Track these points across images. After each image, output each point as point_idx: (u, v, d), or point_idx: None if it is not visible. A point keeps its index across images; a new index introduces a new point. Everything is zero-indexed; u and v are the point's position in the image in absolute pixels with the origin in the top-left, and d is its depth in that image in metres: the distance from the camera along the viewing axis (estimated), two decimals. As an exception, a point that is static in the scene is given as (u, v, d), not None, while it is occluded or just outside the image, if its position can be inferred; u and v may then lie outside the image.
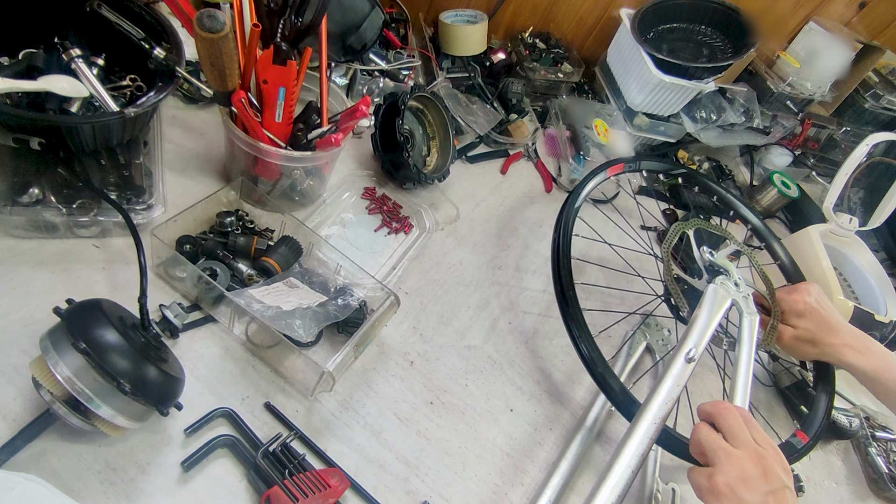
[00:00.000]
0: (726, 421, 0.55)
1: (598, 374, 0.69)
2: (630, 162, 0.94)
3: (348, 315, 0.68)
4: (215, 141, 0.86)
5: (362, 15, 0.93)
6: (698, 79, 1.17)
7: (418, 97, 0.96)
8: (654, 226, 1.14)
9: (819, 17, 1.39)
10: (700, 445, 0.55)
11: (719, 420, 0.56)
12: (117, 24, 0.68)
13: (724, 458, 0.52)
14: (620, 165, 0.92)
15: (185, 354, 0.63)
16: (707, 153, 1.40)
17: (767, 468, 0.52)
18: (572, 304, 0.73)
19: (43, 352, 0.48)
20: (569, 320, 0.73)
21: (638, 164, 0.96)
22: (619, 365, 0.84)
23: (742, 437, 0.54)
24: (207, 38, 0.57)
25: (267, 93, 0.69)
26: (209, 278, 0.65)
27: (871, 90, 1.47)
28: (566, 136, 1.16)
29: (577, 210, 0.82)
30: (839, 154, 1.49)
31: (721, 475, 0.51)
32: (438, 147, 1.02)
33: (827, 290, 1.00)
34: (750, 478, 0.51)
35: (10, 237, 0.64)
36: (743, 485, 0.51)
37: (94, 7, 0.66)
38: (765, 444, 0.54)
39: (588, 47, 1.39)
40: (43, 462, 0.52)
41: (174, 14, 0.68)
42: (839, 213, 1.12)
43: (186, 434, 0.57)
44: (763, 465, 0.52)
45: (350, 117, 0.73)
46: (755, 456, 0.52)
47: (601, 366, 0.69)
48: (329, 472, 0.59)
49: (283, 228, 0.77)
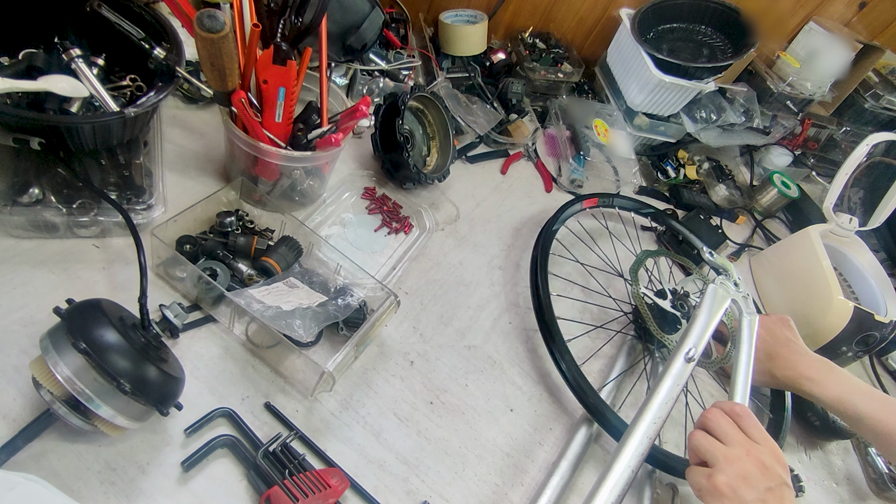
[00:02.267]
0: (715, 423, 0.56)
1: (590, 405, 0.73)
2: (605, 197, 1.01)
3: (348, 315, 0.68)
4: (215, 141, 0.86)
5: (362, 15, 0.93)
6: (698, 79, 1.17)
7: (418, 97, 0.96)
8: (653, 226, 1.14)
9: (819, 17, 1.39)
10: (697, 451, 0.55)
11: (709, 424, 0.56)
12: (117, 24, 0.67)
13: (721, 459, 0.53)
14: (595, 200, 0.99)
15: (185, 354, 0.63)
16: (707, 153, 1.40)
17: (765, 465, 0.52)
18: (557, 336, 0.76)
19: (43, 352, 0.48)
20: (554, 352, 0.76)
21: (612, 200, 1.03)
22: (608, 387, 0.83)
23: (734, 436, 0.54)
24: (208, 38, 0.57)
25: (267, 93, 0.69)
26: (209, 278, 0.65)
27: (871, 90, 1.47)
28: (566, 136, 1.16)
29: (548, 248, 0.86)
30: (839, 154, 1.49)
31: (721, 475, 0.51)
32: (438, 147, 1.02)
33: (827, 291, 1.00)
34: (749, 476, 0.51)
35: (10, 237, 0.65)
36: (743, 483, 0.51)
37: (94, 7, 0.66)
38: (760, 440, 0.54)
39: (588, 47, 1.39)
40: (43, 462, 0.52)
41: (174, 14, 0.68)
42: (839, 213, 1.12)
43: (186, 434, 0.57)
44: (760, 461, 0.52)
45: (350, 117, 0.73)
46: (751, 454, 0.53)
47: (592, 396, 0.72)
48: (329, 472, 0.59)
49: (283, 228, 0.77)
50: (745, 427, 0.56)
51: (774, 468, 0.52)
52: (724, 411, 0.57)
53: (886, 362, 1.12)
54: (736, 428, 0.55)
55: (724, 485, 0.51)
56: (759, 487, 0.51)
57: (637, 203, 1.06)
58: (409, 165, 0.88)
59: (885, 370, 1.11)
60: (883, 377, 1.09)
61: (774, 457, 0.53)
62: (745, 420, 0.56)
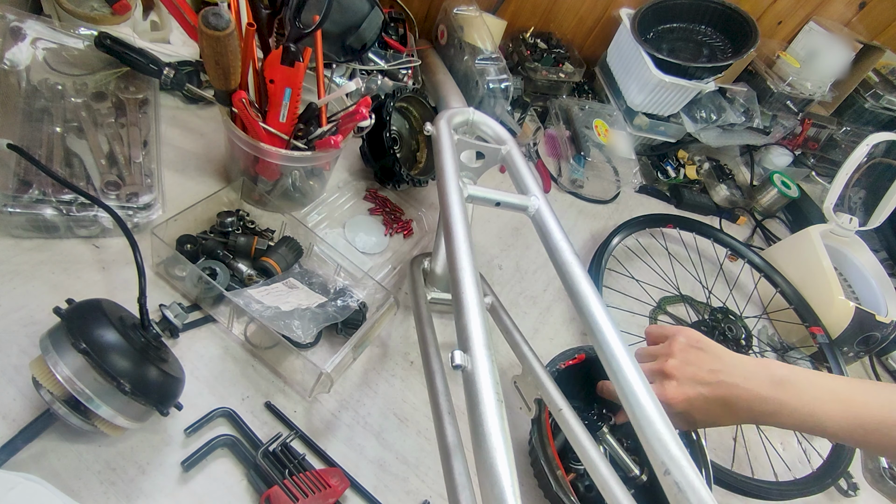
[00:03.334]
0: (641, 356, 0.62)
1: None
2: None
3: (347, 316, 0.68)
4: (215, 141, 0.86)
5: (362, 15, 0.93)
6: (698, 79, 1.17)
7: (402, 97, 0.95)
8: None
9: (819, 17, 1.39)
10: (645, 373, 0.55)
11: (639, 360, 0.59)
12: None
13: (662, 355, 0.59)
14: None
15: (185, 354, 0.63)
16: (707, 153, 1.40)
17: (691, 343, 0.58)
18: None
19: (43, 352, 0.48)
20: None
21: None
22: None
23: (659, 349, 0.60)
24: (213, 36, 0.57)
25: (273, 93, 0.69)
26: (209, 278, 0.65)
27: (871, 90, 1.47)
28: (566, 136, 1.16)
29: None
30: (839, 154, 1.49)
31: (667, 361, 0.57)
32: (427, 141, 1.01)
33: (828, 291, 1.00)
34: (687, 349, 0.58)
35: (10, 237, 0.65)
36: (685, 357, 0.57)
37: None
38: (670, 332, 0.60)
39: (588, 47, 1.39)
40: (43, 462, 0.52)
41: (173, 15, 0.68)
42: (839, 213, 1.12)
43: (186, 434, 0.57)
44: (683, 342, 0.58)
45: (350, 119, 0.73)
46: (669, 347, 0.59)
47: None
48: (329, 472, 0.59)
49: (283, 229, 0.77)
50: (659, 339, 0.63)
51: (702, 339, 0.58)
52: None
53: (886, 362, 1.12)
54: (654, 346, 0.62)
55: (672, 368, 0.56)
56: (703, 368, 0.56)
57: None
58: (401, 176, 0.87)
59: (885, 370, 1.12)
60: (883, 377, 1.09)
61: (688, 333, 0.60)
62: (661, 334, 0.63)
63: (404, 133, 1.00)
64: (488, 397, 0.42)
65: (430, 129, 0.74)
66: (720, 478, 0.73)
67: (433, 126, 0.73)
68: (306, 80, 0.76)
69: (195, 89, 0.79)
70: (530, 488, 0.67)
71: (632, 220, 1.05)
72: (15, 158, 0.62)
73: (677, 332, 0.59)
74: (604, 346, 0.51)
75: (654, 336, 0.62)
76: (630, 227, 1.03)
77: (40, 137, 0.66)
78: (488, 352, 0.45)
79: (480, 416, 0.41)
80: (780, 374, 0.54)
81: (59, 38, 0.74)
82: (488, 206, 0.69)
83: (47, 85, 0.71)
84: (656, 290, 1.02)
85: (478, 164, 0.79)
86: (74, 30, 0.75)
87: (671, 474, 0.45)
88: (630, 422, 0.49)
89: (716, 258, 1.14)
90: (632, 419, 0.49)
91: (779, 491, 0.75)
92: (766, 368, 0.55)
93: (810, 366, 1.00)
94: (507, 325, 0.71)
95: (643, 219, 1.06)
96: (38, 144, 0.65)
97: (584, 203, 1.15)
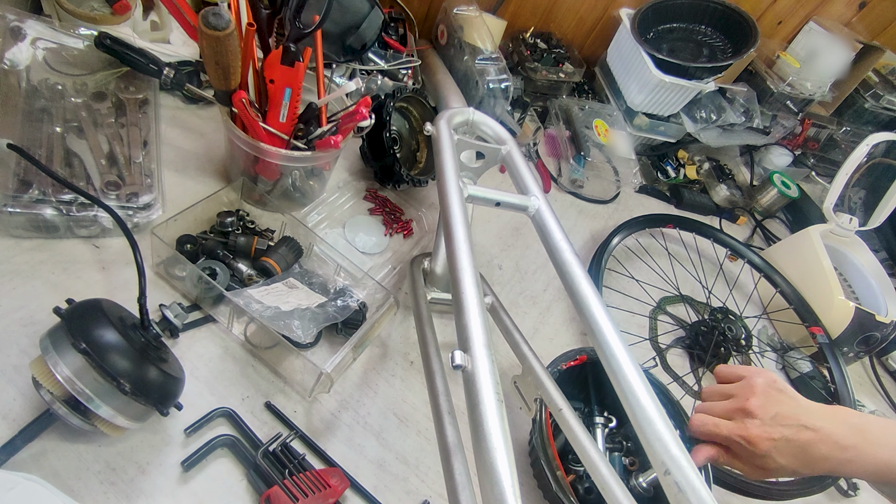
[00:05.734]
0: (712, 394, 0.58)
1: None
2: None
3: (347, 316, 0.68)
4: (215, 141, 0.86)
5: (362, 15, 0.93)
6: (698, 79, 1.17)
7: (402, 98, 0.95)
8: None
9: (819, 17, 1.39)
10: (712, 429, 0.54)
11: (707, 406, 0.57)
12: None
13: (741, 395, 0.55)
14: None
15: (185, 354, 0.63)
16: (707, 153, 1.40)
17: (769, 384, 0.55)
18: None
19: (43, 352, 0.48)
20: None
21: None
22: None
23: (735, 388, 0.56)
24: (213, 36, 0.57)
25: (273, 93, 0.69)
26: (209, 278, 0.65)
27: (871, 90, 1.47)
28: (566, 136, 1.16)
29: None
30: (839, 154, 1.49)
31: (748, 400, 0.53)
32: (427, 140, 1.01)
33: (828, 291, 1.00)
34: (767, 394, 0.54)
35: (10, 237, 0.64)
36: (774, 408, 0.53)
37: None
38: (747, 373, 0.57)
39: (588, 47, 1.39)
40: (43, 462, 0.52)
41: (173, 15, 0.68)
42: (839, 213, 1.12)
43: (186, 434, 0.57)
44: (763, 383, 0.55)
45: (350, 119, 0.73)
46: (749, 386, 0.55)
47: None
48: (329, 472, 0.59)
49: (283, 229, 0.77)
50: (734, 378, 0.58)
51: (779, 382, 0.55)
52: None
53: (886, 362, 1.12)
54: (729, 386, 0.57)
55: (756, 407, 0.52)
56: (783, 398, 0.53)
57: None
58: (402, 176, 0.87)
59: (885, 370, 1.12)
60: (883, 377, 1.09)
61: (765, 376, 0.56)
62: (734, 373, 0.58)
63: (404, 133, 1.00)
64: (488, 397, 0.42)
65: (430, 129, 0.74)
66: (720, 478, 0.73)
67: (433, 126, 0.74)
68: (306, 80, 0.76)
69: (195, 89, 0.79)
70: (530, 488, 0.67)
71: (632, 220, 1.05)
72: (15, 158, 0.62)
73: (756, 373, 0.57)
74: (604, 346, 0.51)
75: (726, 375, 0.59)
76: (630, 227, 1.03)
77: (40, 137, 0.66)
78: (488, 352, 0.45)
79: (480, 416, 0.41)
80: (856, 421, 0.53)
81: (59, 38, 0.75)
82: (488, 206, 0.69)
83: (47, 85, 0.71)
84: (656, 290, 1.02)
85: (478, 164, 0.79)
86: (74, 30, 0.75)
87: (671, 474, 0.45)
88: (630, 422, 0.49)
89: (716, 258, 1.14)
90: (632, 419, 0.48)
91: (779, 491, 0.75)
92: (841, 415, 0.54)
93: (810, 366, 1.00)
94: (507, 325, 0.71)
95: (643, 219, 1.06)
96: (38, 144, 0.65)
97: (584, 203, 1.15)
